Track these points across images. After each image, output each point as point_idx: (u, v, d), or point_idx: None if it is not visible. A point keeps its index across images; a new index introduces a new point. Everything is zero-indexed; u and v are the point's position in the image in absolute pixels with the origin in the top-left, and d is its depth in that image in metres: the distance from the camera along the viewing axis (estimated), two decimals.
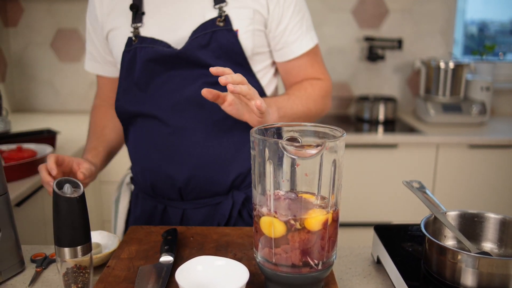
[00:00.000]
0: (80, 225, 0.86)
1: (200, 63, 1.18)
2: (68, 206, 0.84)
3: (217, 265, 0.84)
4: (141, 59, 1.20)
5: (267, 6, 1.21)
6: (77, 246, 0.86)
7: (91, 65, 1.40)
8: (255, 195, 0.84)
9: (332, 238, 0.82)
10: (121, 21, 1.25)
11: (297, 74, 1.31)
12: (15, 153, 1.80)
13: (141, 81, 1.22)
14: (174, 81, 1.20)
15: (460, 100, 2.85)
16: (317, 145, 0.76)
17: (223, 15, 1.18)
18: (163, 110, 1.21)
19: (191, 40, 1.17)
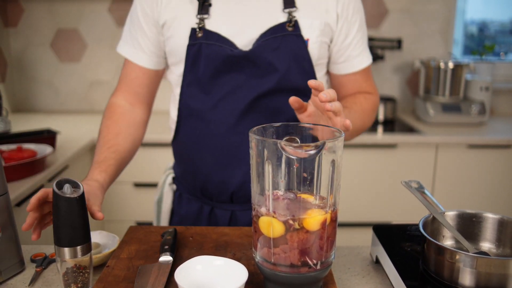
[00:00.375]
0: (79, 225, 0.86)
1: (269, 66, 1.18)
2: (67, 206, 0.84)
3: (216, 265, 0.85)
4: (207, 57, 1.18)
5: (337, 20, 1.23)
6: (77, 246, 0.86)
7: (130, 51, 1.28)
8: (254, 195, 0.84)
9: (330, 238, 0.82)
10: (185, 10, 1.20)
11: (351, 88, 1.33)
12: (15, 153, 1.80)
13: (204, 78, 1.20)
14: (237, 84, 1.19)
15: (460, 100, 2.86)
16: (316, 145, 0.77)
17: (293, 20, 1.18)
18: (223, 112, 1.20)
19: (261, 42, 1.17)
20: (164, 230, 1.09)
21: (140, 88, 1.30)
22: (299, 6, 1.19)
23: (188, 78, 1.22)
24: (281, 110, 1.21)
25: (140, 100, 1.30)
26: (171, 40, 1.22)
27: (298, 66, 1.20)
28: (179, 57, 1.22)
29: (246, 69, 1.18)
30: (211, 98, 1.21)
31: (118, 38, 3.12)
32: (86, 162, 2.47)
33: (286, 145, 0.77)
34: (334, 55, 1.28)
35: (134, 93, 1.29)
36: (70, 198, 0.84)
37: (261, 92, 1.19)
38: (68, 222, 0.85)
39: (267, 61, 1.17)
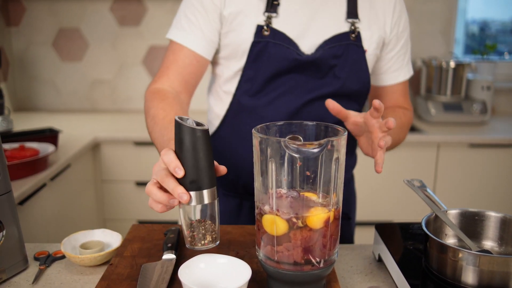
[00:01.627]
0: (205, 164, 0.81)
1: (329, 72, 1.21)
2: (191, 139, 0.79)
3: (219, 263, 0.85)
4: (272, 56, 1.18)
5: (390, 34, 1.28)
6: (203, 190, 0.81)
7: (189, 38, 1.22)
8: (257, 193, 0.84)
9: (333, 236, 0.83)
10: (251, 5, 1.19)
11: (388, 100, 1.37)
12: (18, 152, 1.80)
13: (264, 76, 1.20)
14: (294, 85, 1.21)
15: (461, 99, 2.86)
16: (319, 143, 0.77)
17: (356, 31, 1.21)
18: (277, 110, 1.21)
19: (326, 48, 1.19)
20: (167, 228, 1.09)
21: (190, 77, 1.24)
22: (361, 18, 1.23)
23: (248, 74, 1.21)
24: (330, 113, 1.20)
25: (187, 89, 1.25)
26: (233, 33, 1.21)
27: (355, 74, 1.24)
28: (240, 52, 1.21)
29: (307, 72, 1.20)
30: (267, 95, 1.22)
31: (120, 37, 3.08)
32: (88, 161, 2.47)
33: (289, 143, 0.77)
34: (376, 66, 1.33)
35: (183, 81, 1.23)
36: (194, 129, 0.79)
37: (318, 95, 1.21)
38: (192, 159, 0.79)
39: (329, 66, 1.20)
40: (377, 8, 1.25)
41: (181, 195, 0.80)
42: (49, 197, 1.98)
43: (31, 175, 1.81)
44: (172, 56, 1.23)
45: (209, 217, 0.84)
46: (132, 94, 3.13)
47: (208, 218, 0.84)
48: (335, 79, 1.22)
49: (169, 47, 1.25)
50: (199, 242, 0.84)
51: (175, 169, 0.80)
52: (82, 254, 1.03)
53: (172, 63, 1.23)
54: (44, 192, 1.92)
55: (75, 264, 1.03)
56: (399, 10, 1.27)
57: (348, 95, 1.25)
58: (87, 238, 1.09)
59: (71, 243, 1.06)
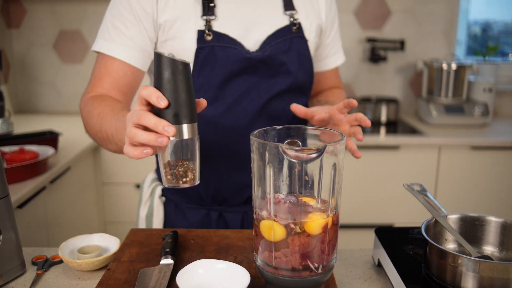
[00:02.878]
0: (185, 98, 0.78)
1: (280, 69, 1.20)
2: (172, 70, 0.76)
3: (218, 268, 0.84)
4: (221, 60, 1.15)
5: (325, 21, 1.31)
6: (183, 124, 0.78)
7: (120, 49, 1.14)
8: (255, 199, 0.84)
9: (332, 241, 0.82)
10: (187, 11, 1.15)
11: (326, 83, 1.43)
12: (17, 155, 1.80)
13: (216, 82, 1.16)
14: (249, 87, 1.19)
15: (463, 101, 2.85)
16: (317, 148, 0.76)
17: (296, 22, 1.22)
18: (237, 116, 1.19)
19: (273, 44, 1.18)
20: (165, 233, 1.08)
21: (126, 88, 1.17)
22: (298, 9, 1.23)
23: (197, 82, 1.17)
24: (286, 111, 1.22)
25: (125, 100, 1.18)
26: (173, 42, 1.16)
27: (303, 66, 1.24)
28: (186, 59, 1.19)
29: (259, 71, 1.19)
30: (224, 102, 1.18)
31: None
32: (88, 163, 2.47)
33: (287, 148, 0.76)
34: (316, 53, 1.35)
35: (120, 92, 1.16)
36: (175, 61, 0.75)
37: (273, 94, 1.20)
38: (173, 91, 0.76)
39: (281, 63, 1.19)
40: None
41: (167, 129, 0.75)
42: (49, 200, 1.98)
43: (31, 178, 1.81)
44: (104, 69, 1.15)
45: (189, 154, 0.81)
46: None
47: (188, 156, 0.81)
48: (287, 75, 1.21)
49: (98, 60, 1.17)
50: (180, 180, 0.80)
51: (158, 99, 0.76)
52: (80, 258, 1.02)
53: (104, 75, 1.15)
54: (44, 195, 1.92)
55: (73, 269, 1.03)
56: None
57: (298, 89, 1.25)
58: (85, 243, 1.08)
59: (69, 247, 1.05)
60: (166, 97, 0.77)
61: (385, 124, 2.89)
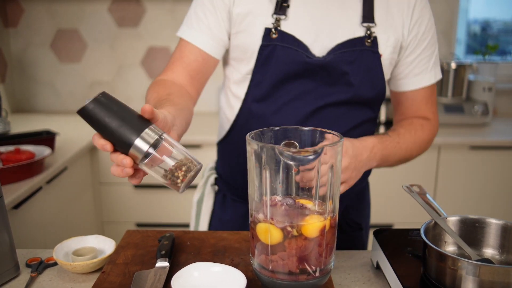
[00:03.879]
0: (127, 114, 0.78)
1: (341, 78, 1.16)
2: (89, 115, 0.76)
3: (213, 271, 0.83)
4: (280, 60, 1.14)
5: (407, 37, 1.21)
6: (142, 132, 0.77)
7: (196, 35, 1.19)
8: (251, 201, 0.82)
9: (329, 244, 0.81)
10: (260, 6, 1.16)
11: (409, 107, 1.29)
12: (13, 155, 1.79)
13: (272, 81, 1.17)
14: (304, 91, 1.17)
15: (462, 100, 2.84)
16: (315, 150, 0.75)
17: (372, 36, 1.16)
18: (286, 118, 1.17)
19: (339, 53, 1.14)
20: (162, 235, 1.07)
21: (196, 73, 1.20)
22: (377, 21, 1.17)
23: (257, 78, 1.18)
24: (340, 121, 1.20)
25: (192, 85, 1.20)
26: (242, 35, 1.18)
27: (369, 81, 1.19)
28: (249, 54, 1.18)
29: (318, 77, 1.16)
30: (276, 101, 1.18)
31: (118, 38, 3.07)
32: (85, 163, 2.46)
33: (284, 150, 0.75)
34: (396, 70, 1.26)
35: (189, 76, 1.19)
36: (84, 108, 0.76)
37: (328, 102, 1.17)
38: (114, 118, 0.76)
39: (342, 73, 1.16)
40: (393, 9, 1.19)
41: (123, 162, 0.77)
42: (45, 201, 1.97)
43: (27, 178, 1.79)
44: (179, 53, 1.21)
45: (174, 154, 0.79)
46: (131, 95, 3.11)
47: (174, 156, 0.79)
48: (347, 86, 1.17)
49: (178, 46, 1.23)
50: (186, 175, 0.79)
51: (102, 147, 0.78)
52: (74, 261, 1.01)
53: (177, 59, 1.21)
54: (40, 195, 1.90)
55: (68, 271, 1.01)
56: (419, 10, 1.20)
57: (361, 102, 1.21)
58: (80, 245, 1.07)
59: (63, 249, 1.04)
60: (106, 136, 0.78)
61: (384, 123, 2.87)
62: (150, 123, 0.79)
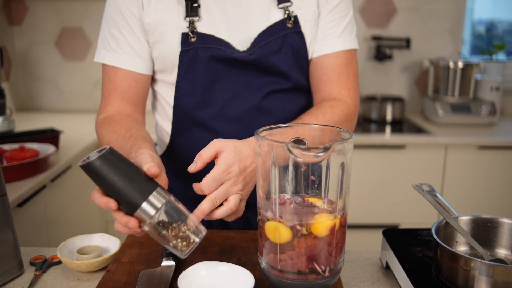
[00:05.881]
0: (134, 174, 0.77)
1: (271, 70, 1.12)
2: (95, 172, 0.76)
3: (220, 271, 0.81)
4: (205, 62, 1.10)
5: (319, 2, 1.15)
6: (149, 196, 0.77)
7: (122, 58, 1.13)
8: (259, 199, 0.81)
9: (339, 244, 0.79)
10: (170, 12, 1.10)
11: (320, 79, 1.18)
12: (18, 153, 1.78)
13: (202, 85, 1.12)
14: (240, 88, 1.13)
15: (469, 100, 2.81)
16: (325, 147, 0.73)
17: (292, 16, 1.12)
18: (226, 119, 1.13)
19: (263, 44, 1.11)
20: None
21: (135, 98, 1.16)
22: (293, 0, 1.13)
23: (184, 86, 1.13)
24: (280, 111, 1.16)
25: (136, 110, 1.18)
26: (158, 45, 1.13)
27: (298, 64, 1.15)
28: (170, 63, 1.13)
29: (247, 72, 1.12)
30: (213, 105, 1.13)
31: None
32: None
33: (293, 147, 0.73)
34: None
35: (129, 104, 1.16)
36: (90, 163, 0.75)
37: (265, 93, 1.14)
38: (121, 177, 0.76)
39: (271, 64, 1.12)
40: None
41: (129, 225, 0.77)
42: (49, 199, 1.95)
43: (31, 176, 1.78)
44: (109, 83, 1.16)
45: (176, 219, 0.80)
46: None
47: (175, 220, 0.80)
48: (279, 75, 1.13)
49: (104, 72, 1.17)
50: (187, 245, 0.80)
51: (106, 205, 0.78)
52: (79, 259, 0.99)
53: (111, 90, 1.15)
54: (44, 193, 1.89)
55: (72, 270, 1.00)
56: None
57: (294, 89, 1.17)
58: (84, 243, 1.05)
59: (67, 247, 1.03)
60: (112, 195, 0.77)
61: (390, 123, 2.85)
62: (156, 185, 0.79)
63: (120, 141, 1.00)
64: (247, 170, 0.91)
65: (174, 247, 0.80)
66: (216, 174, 0.87)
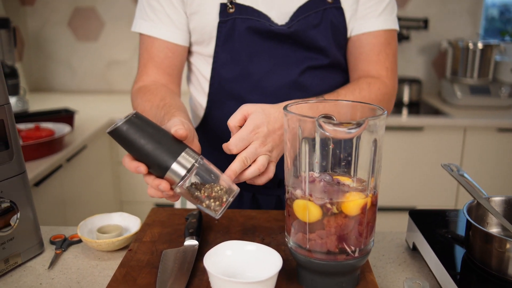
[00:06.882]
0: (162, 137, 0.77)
1: (309, 45, 1.10)
2: (123, 136, 0.75)
3: (247, 250, 0.79)
4: (243, 33, 1.09)
5: None
6: (178, 157, 0.76)
7: (159, 28, 1.13)
8: (288, 177, 0.78)
9: (370, 223, 0.76)
10: None
11: (358, 58, 1.16)
12: (33, 132, 1.77)
13: (239, 57, 1.11)
14: (277, 62, 1.11)
15: (489, 82, 2.76)
16: (357, 123, 0.70)
17: None
18: (263, 93, 1.12)
19: (301, 18, 1.08)
20: (188, 213, 1.04)
21: (171, 69, 1.16)
22: None
23: (221, 58, 1.12)
24: (317, 88, 1.14)
25: (172, 81, 1.17)
26: (196, 16, 1.11)
27: (336, 40, 1.13)
28: (208, 35, 1.12)
29: (285, 47, 1.11)
30: (250, 79, 1.12)
31: None
32: (104, 142, 2.43)
33: (324, 122, 0.70)
34: None
35: (165, 74, 1.16)
36: (117, 128, 0.74)
37: (303, 69, 1.12)
38: (149, 140, 0.75)
39: (309, 39, 1.10)
40: None
41: (161, 187, 0.77)
42: (65, 179, 1.95)
43: (47, 156, 1.77)
44: (146, 53, 1.16)
45: (208, 179, 0.79)
46: None
47: (207, 181, 0.79)
48: (317, 51, 1.11)
49: (141, 42, 1.17)
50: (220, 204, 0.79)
51: (136, 170, 0.77)
52: (99, 238, 0.98)
53: (148, 60, 1.16)
54: (60, 173, 1.88)
55: (92, 249, 0.98)
56: None
57: (332, 66, 1.15)
58: (104, 222, 1.04)
59: (87, 226, 1.01)
60: (140, 159, 0.77)
61: (407, 105, 2.81)
62: (185, 146, 0.79)
63: (154, 110, 1.00)
64: (276, 132, 0.90)
65: (207, 207, 0.79)
66: (243, 133, 0.87)
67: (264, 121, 0.89)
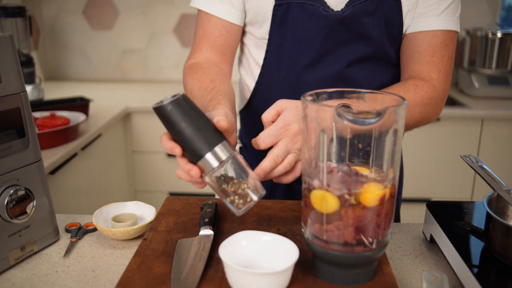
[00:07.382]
0: (203, 123, 0.77)
1: (361, 32, 1.08)
2: (166, 116, 0.76)
3: (263, 241, 0.78)
4: (296, 18, 1.08)
5: None
6: (215, 147, 0.76)
7: (215, 5, 1.13)
8: (305, 167, 0.77)
9: (388, 215, 0.75)
10: None
11: (411, 57, 1.12)
12: (49, 120, 1.77)
13: (288, 43, 1.11)
14: (326, 51, 1.10)
15: (507, 72, 2.71)
16: (378, 112, 0.69)
17: None
18: (307, 82, 1.11)
19: (357, 4, 1.06)
20: (203, 202, 1.03)
21: (224, 47, 1.16)
22: None
23: (274, 41, 1.12)
24: (363, 82, 1.12)
25: (224, 60, 1.17)
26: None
27: (389, 33, 1.10)
28: (262, 16, 1.12)
29: (336, 35, 1.09)
30: (297, 65, 1.12)
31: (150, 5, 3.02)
32: (119, 130, 2.44)
33: (344, 111, 0.69)
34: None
35: (218, 53, 1.16)
36: (162, 107, 0.75)
37: (351, 61, 1.10)
38: (190, 124, 0.76)
39: (361, 25, 1.08)
40: None
41: (191, 173, 0.78)
42: (80, 167, 1.96)
43: (62, 144, 1.78)
44: (202, 29, 1.17)
45: (238, 175, 0.80)
46: (163, 63, 3.07)
47: (236, 176, 0.80)
48: (369, 40, 1.09)
49: (198, 18, 1.18)
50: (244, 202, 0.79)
51: (171, 150, 0.78)
52: (114, 227, 0.98)
53: (202, 37, 1.17)
54: (75, 161, 1.89)
55: (107, 238, 0.99)
56: None
57: (383, 58, 1.13)
58: (119, 211, 1.04)
59: (102, 215, 1.01)
60: (178, 140, 0.78)
61: None
62: (223, 138, 0.79)
63: (202, 91, 1.00)
64: None
65: (231, 203, 0.79)
66: (272, 129, 0.87)
67: (297, 118, 0.88)
